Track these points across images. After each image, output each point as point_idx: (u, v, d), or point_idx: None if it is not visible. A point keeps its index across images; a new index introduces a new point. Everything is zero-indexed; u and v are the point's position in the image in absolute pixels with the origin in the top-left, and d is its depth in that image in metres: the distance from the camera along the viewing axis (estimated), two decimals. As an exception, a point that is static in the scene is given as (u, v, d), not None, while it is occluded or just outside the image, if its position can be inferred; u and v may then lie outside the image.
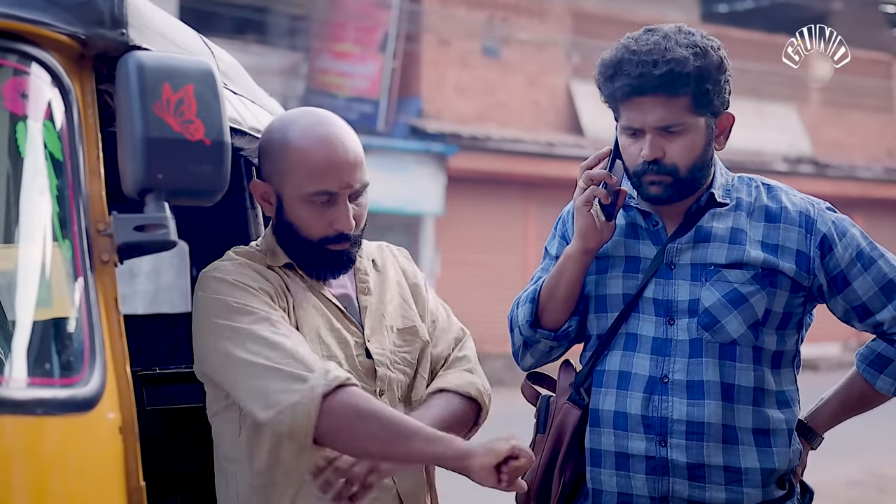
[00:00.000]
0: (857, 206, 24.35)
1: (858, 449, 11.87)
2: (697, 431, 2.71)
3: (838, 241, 2.77)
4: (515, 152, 19.63)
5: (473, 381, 2.69)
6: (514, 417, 3.24)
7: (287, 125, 2.60)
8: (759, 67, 22.32)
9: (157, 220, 2.08)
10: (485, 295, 19.62)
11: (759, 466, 2.72)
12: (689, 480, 2.71)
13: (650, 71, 2.64)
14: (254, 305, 2.46)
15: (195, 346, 2.53)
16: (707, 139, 2.74)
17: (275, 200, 2.59)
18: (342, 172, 2.56)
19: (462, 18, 19.89)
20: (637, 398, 2.75)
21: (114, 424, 2.05)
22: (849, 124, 25.00)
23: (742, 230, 2.77)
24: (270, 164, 2.58)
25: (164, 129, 2.09)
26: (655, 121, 2.68)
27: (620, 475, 2.77)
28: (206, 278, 2.53)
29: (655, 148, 2.70)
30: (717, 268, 2.74)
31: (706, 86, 2.68)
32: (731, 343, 2.72)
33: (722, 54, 2.73)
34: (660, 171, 2.71)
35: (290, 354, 2.38)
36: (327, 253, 2.59)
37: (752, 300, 2.72)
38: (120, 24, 2.14)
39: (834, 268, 2.76)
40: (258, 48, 18.55)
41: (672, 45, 2.66)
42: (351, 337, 2.60)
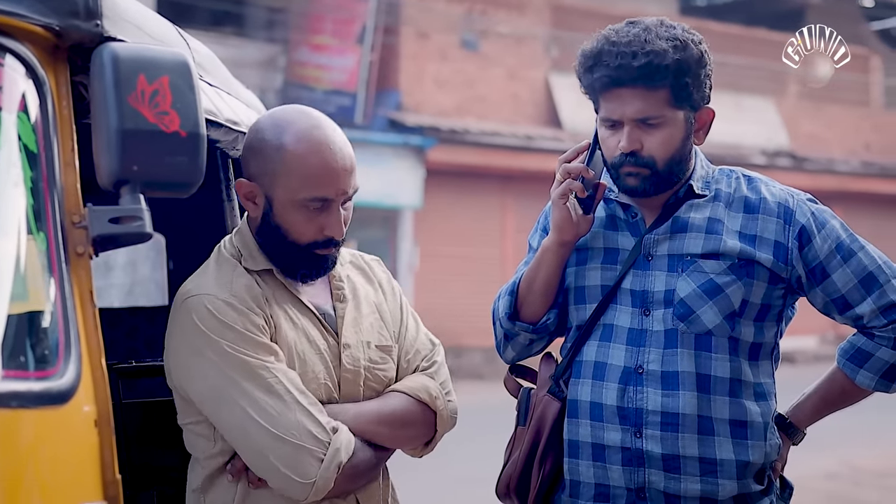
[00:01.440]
0: (834, 199, 24.44)
1: (835, 442, 11.93)
2: (672, 422, 2.71)
3: (817, 233, 2.77)
4: (494, 145, 19.65)
5: (427, 385, 2.66)
6: (494, 410, 3.24)
7: (282, 126, 2.54)
8: (738, 61, 22.39)
9: (132, 213, 2.07)
10: (463, 288, 19.65)
11: (735, 458, 2.72)
12: (664, 472, 2.72)
13: (629, 62, 2.64)
14: (255, 354, 2.44)
15: (174, 363, 2.50)
16: (685, 133, 2.74)
17: (262, 202, 2.55)
18: (338, 179, 2.53)
19: (441, 11, 19.88)
20: (613, 389, 2.75)
21: (89, 417, 2.04)
22: (826, 118, 25.11)
23: (719, 220, 2.77)
24: (261, 164, 2.53)
25: (139, 120, 2.07)
26: (634, 113, 2.68)
27: (597, 466, 2.77)
28: (201, 310, 2.46)
29: (633, 140, 2.70)
30: (693, 258, 2.74)
31: (685, 79, 2.68)
32: (707, 333, 2.72)
33: (703, 48, 2.73)
34: (637, 163, 2.71)
35: (299, 425, 2.41)
36: (314, 257, 2.57)
37: (727, 291, 2.72)
38: (94, 16, 2.13)
39: (812, 259, 2.77)
40: (236, 40, 18.51)
41: (652, 37, 2.66)
42: (327, 347, 2.58)
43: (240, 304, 2.48)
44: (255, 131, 2.57)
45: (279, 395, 2.42)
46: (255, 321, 2.47)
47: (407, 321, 2.77)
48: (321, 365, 2.55)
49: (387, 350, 2.68)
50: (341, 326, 2.62)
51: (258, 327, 2.47)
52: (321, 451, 2.42)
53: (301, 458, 2.40)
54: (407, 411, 2.62)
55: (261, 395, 2.41)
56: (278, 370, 2.44)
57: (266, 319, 2.50)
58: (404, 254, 19.54)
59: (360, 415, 2.55)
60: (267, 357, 2.45)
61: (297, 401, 2.43)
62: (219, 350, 2.43)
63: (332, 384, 2.57)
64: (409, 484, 3.17)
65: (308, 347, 2.55)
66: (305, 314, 2.59)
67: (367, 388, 2.62)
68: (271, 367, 2.44)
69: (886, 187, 25.03)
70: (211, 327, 2.44)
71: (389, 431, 2.59)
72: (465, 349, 19.01)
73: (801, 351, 21.39)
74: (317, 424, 2.43)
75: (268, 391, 2.42)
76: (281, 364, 2.47)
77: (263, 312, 2.50)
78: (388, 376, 2.67)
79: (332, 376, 2.57)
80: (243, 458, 2.47)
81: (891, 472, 10.68)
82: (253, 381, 2.42)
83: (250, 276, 2.56)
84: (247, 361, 2.43)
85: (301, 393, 2.45)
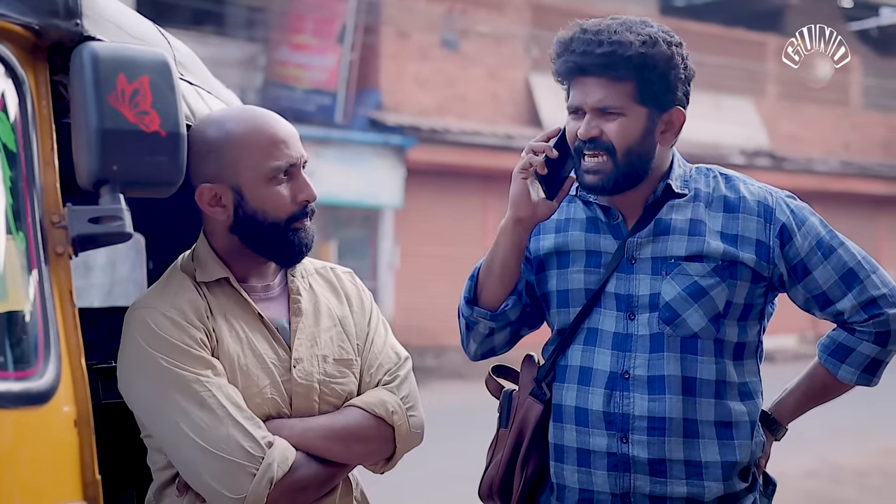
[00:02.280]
0: (813, 199, 24.38)
1: (815, 440, 11.98)
2: (658, 427, 2.71)
3: (797, 230, 2.78)
4: (474, 145, 19.66)
5: (385, 400, 2.61)
6: (474, 409, 3.24)
7: (219, 121, 2.55)
8: (717, 61, 22.44)
9: (112, 212, 2.07)
10: (444, 287, 19.62)
11: (721, 460, 2.73)
12: (650, 476, 2.72)
13: (593, 50, 2.66)
14: (190, 368, 2.43)
15: (119, 376, 2.50)
16: (646, 130, 2.71)
17: (231, 197, 2.53)
18: (291, 144, 2.56)
19: (421, 11, 19.88)
20: (599, 394, 2.75)
21: (69, 417, 2.04)
22: (805, 118, 25.20)
23: (701, 221, 2.77)
24: (217, 161, 2.52)
25: (119, 120, 2.07)
26: (595, 102, 2.69)
27: (582, 471, 2.77)
28: (142, 324, 2.47)
29: (591, 127, 2.69)
30: (677, 261, 2.74)
31: (650, 75, 2.67)
32: (693, 336, 2.72)
33: (676, 50, 2.71)
34: (596, 146, 2.70)
35: (230, 439, 2.39)
36: (294, 233, 2.56)
37: (712, 293, 2.73)
38: (74, 15, 2.12)
39: (794, 257, 2.77)
40: (216, 39, 18.47)
41: (623, 29, 2.68)
42: (278, 360, 2.56)
43: (180, 317, 2.47)
44: (195, 140, 2.51)
45: (211, 408, 2.40)
46: (194, 335, 2.46)
47: (374, 335, 2.73)
48: (267, 379, 2.53)
49: (347, 364, 2.65)
50: (294, 340, 2.59)
51: (196, 341, 2.46)
52: (253, 465, 2.39)
53: (232, 473, 2.38)
54: (361, 426, 2.58)
55: (193, 409, 2.40)
56: (213, 384, 2.43)
57: (207, 333, 2.49)
58: (385, 253, 19.54)
59: (309, 430, 2.53)
60: (203, 371, 2.43)
61: (230, 415, 2.41)
62: (155, 364, 2.42)
63: (281, 398, 2.54)
64: (388, 482, 3.17)
65: (253, 361, 2.53)
66: (256, 326, 2.57)
67: (324, 402, 2.60)
68: (205, 381, 2.42)
69: (865, 187, 25.13)
70: (149, 341, 2.44)
71: (342, 447, 2.55)
72: (446, 349, 19.00)
73: (781, 350, 21.44)
74: (250, 439, 2.41)
75: (200, 405, 2.40)
76: (218, 378, 2.45)
77: (205, 326, 2.49)
78: (347, 390, 2.63)
79: (280, 390, 2.54)
80: (179, 472, 2.47)
81: (870, 470, 10.72)
82: (186, 395, 2.40)
83: (200, 289, 2.54)
84: (181, 375, 2.41)
85: (236, 407, 2.42)
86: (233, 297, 2.58)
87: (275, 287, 2.65)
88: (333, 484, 2.58)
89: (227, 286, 2.58)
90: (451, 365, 18.73)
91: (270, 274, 2.65)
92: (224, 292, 2.57)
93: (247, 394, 2.48)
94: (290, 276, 2.67)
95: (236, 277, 2.59)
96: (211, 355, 2.48)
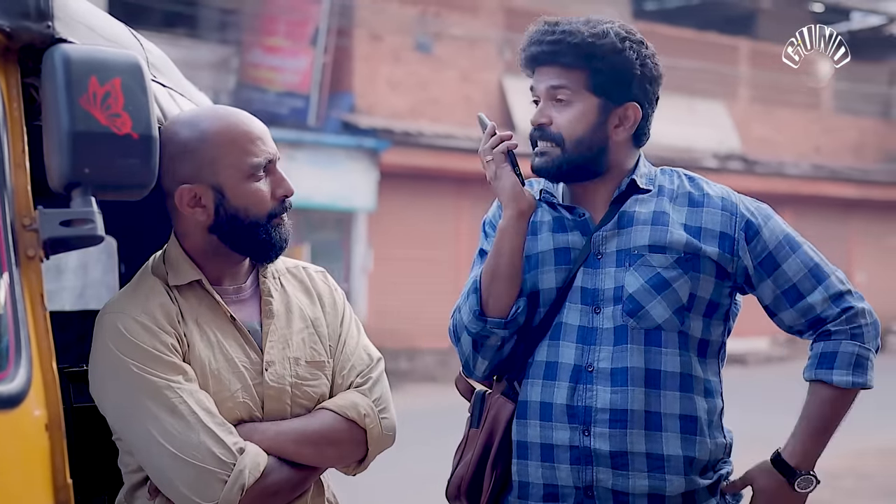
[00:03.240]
0: (785, 202, 24.66)
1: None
2: (620, 419, 2.72)
3: (763, 225, 2.82)
4: (448, 148, 19.67)
5: (356, 403, 2.61)
6: (447, 412, 3.25)
7: (192, 122, 2.55)
8: (690, 64, 22.52)
9: (83, 215, 2.06)
10: (417, 290, 19.65)
11: (682, 454, 2.74)
12: (612, 469, 2.72)
13: (545, 38, 2.77)
14: (161, 374, 2.41)
15: (90, 380, 2.49)
16: (597, 120, 2.77)
17: (211, 197, 2.52)
18: (266, 140, 2.57)
19: (394, 13, 19.89)
20: (563, 388, 2.76)
21: (40, 421, 2.03)
22: (777, 121, 25.33)
23: (665, 213, 2.80)
24: (194, 162, 2.50)
25: (91, 122, 2.06)
26: (546, 86, 2.79)
27: (545, 466, 2.78)
28: (113, 329, 2.45)
29: (542, 114, 2.80)
30: (640, 252, 2.76)
31: (598, 65, 2.74)
32: (657, 329, 2.74)
33: (629, 45, 2.76)
34: (544, 136, 2.80)
35: (201, 446, 2.38)
36: (273, 229, 2.56)
37: (675, 285, 2.75)
38: (46, 17, 2.11)
39: (762, 250, 2.79)
40: (188, 42, 18.42)
41: (579, 23, 2.78)
42: (249, 364, 2.55)
43: (151, 322, 2.46)
44: (168, 142, 2.47)
45: (182, 415, 2.39)
46: (165, 340, 2.45)
47: (346, 336, 2.72)
48: (239, 383, 2.52)
49: (319, 366, 2.64)
50: (266, 343, 2.59)
51: (167, 346, 2.45)
52: (225, 472, 2.39)
53: (203, 480, 2.38)
54: (333, 429, 2.57)
55: (164, 415, 2.39)
56: (184, 390, 2.42)
57: (178, 338, 2.48)
58: (358, 256, 19.52)
59: (281, 434, 2.52)
60: (174, 377, 2.42)
61: (201, 421, 2.40)
62: (126, 369, 2.41)
63: (253, 402, 2.53)
64: (360, 484, 3.17)
65: (224, 365, 2.52)
66: (228, 330, 2.56)
67: (296, 405, 2.59)
68: (176, 386, 2.41)
69: (836, 190, 25.28)
70: (120, 346, 2.43)
71: (314, 450, 2.55)
72: (419, 351, 19.01)
73: (753, 352, 21.56)
74: (221, 445, 2.40)
75: (171, 412, 2.39)
76: (189, 384, 2.44)
77: (176, 331, 2.48)
78: (319, 392, 2.63)
79: (252, 394, 2.53)
80: (151, 478, 2.46)
81: (843, 472, 10.77)
82: (157, 402, 2.40)
83: (171, 292, 2.53)
84: (152, 381, 2.41)
85: (207, 413, 2.42)
86: (205, 300, 2.57)
87: (246, 288, 2.64)
88: (305, 487, 2.58)
89: (198, 289, 2.57)
90: (424, 368, 18.74)
91: (243, 275, 2.64)
92: (196, 295, 2.56)
93: (218, 398, 2.47)
94: (262, 276, 2.66)
95: (209, 279, 2.58)
96: (182, 360, 2.47)
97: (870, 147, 27.32)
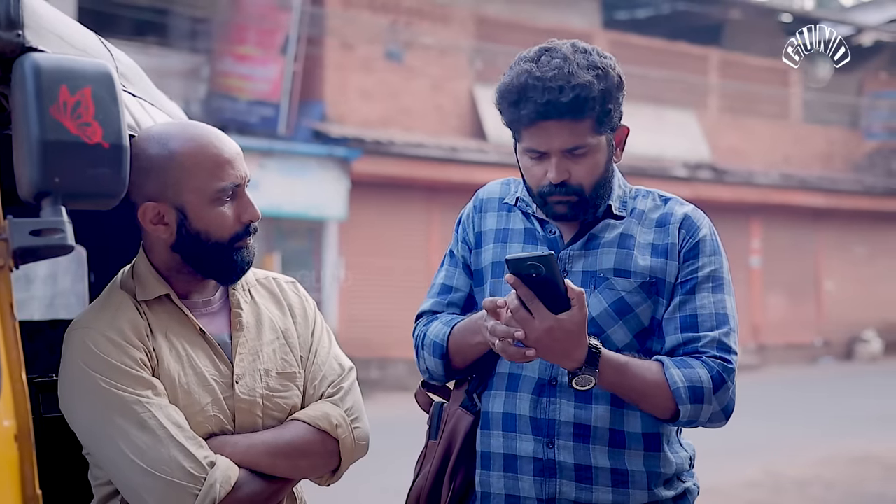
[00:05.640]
0: (754, 211, 24.81)
1: (755, 450, 12.09)
2: (584, 434, 2.72)
3: (708, 257, 2.77)
4: (419, 157, 19.68)
5: (328, 413, 2.61)
6: (418, 423, 3.24)
7: (162, 139, 2.52)
8: (659, 74, 22.63)
9: (53, 225, 2.05)
10: (389, 299, 19.64)
11: (646, 470, 2.75)
12: (575, 482, 2.73)
13: (557, 98, 2.63)
14: (130, 389, 2.40)
15: (60, 396, 2.47)
16: (609, 156, 2.77)
17: (174, 216, 2.51)
18: (236, 164, 2.55)
19: (365, 22, 19.89)
20: (526, 399, 2.76)
21: (9, 432, 2.01)
22: (746, 131, 25.48)
23: (631, 236, 2.80)
24: (160, 179, 2.49)
25: (61, 131, 2.05)
26: (561, 144, 2.68)
27: (508, 477, 2.78)
28: (81, 345, 2.44)
29: (561, 171, 2.71)
30: (605, 276, 2.76)
31: (608, 106, 2.70)
32: (617, 350, 2.71)
33: (619, 72, 2.74)
34: (567, 191, 2.73)
35: (171, 460, 2.37)
36: (236, 252, 2.55)
37: (637, 310, 2.75)
38: (16, 26, 2.10)
39: (689, 274, 2.76)
40: (159, 50, 18.37)
41: (574, 68, 2.66)
42: (219, 377, 2.54)
43: (119, 337, 2.45)
44: (136, 156, 2.46)
45: (152, 430, 2.38)
46: (134, 355, 2.44)
47: (317, 346, 2.72)
48: (209, 397, 2.51)
49: (290, 377, 2.64)
50: (236, 356, 2.58)
51: (136, 361, 2.44)
52: (195, 486, 2.38)
53: (173, 494, 2.37)
54: (305, 441, 2.57)
55: (133, 430, 2.38)
56: (153, 405, 2.41)
57: (147, 353, 2.47)
58: (329, 265, 19.49)
59: (253, 446, 2.51)
60: (143, 391, 2.41)
61: (171, 435, 2.39)
62: (94, 385, 2.41)
63: (224, 415, 2.53)
64: (333, 494, 3.17)
65: (194, 379, 2.51)
66: (198, 343, 2.55)
67: (268, 416, 2.59)
68: (145, 401, 2.40)
69: (805, 199, 25.43)
70: (88, 362, 2.42)
71: (286, 462, 2.54)
72: (390, 361, 18.99)
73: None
74: (191, 459, 2.39)
75: (140, 426, 2.38)
76: (159, 398, 2.43)
77: (145, 346, 2.47)
78: (291, 404, 2.62)
79: (223, 407, 2.53)
80: (121, 493, 2.45)
81: (812, 480, 10.83)
82: (126, 417, 2.39)
83: (140, 307, 2.53)
84: (121, 396, 2.40)
85: (177, 427, 2.41)
86: (174, 315, 2.56)
87: (216, 301, 2.64)
88: (278, 499, 2.57)
89: (167, 303, 2.56)
90: (395, 377, 18.72)
91: (211, 288, 2.64)
92: (165, 309, 2.56)
93: (188, 412, 2.47)
94: (231, 289, 2.65)
95: (177, 293, 2.57)
96: (152, 375, 2.46)
97: (838, 156, 27.51)
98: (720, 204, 22.46)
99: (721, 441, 4.07)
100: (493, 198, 2.98)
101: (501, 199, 2.96)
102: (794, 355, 25.30)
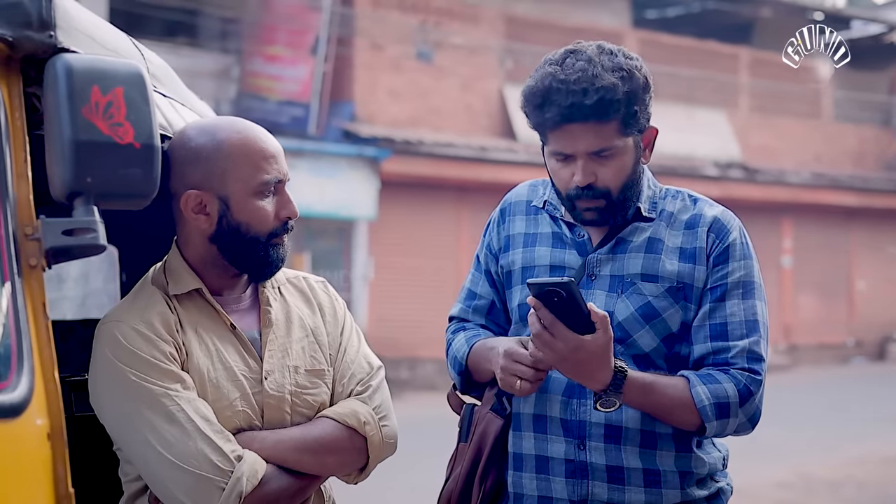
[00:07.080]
0: (785, 210, 24.69)
1: (786, 451, 12.03)
2: (615, 435, 2.72)
3: (738, 261, 2.76)
4: (448, 157, 19.69)
5: (356, 410, 2.60)
6: (447, 423, 3.24)
7: (210, 130, 2.56)
8: (690, 73, 22.54)
9: (85, 224, 2.06)
10: (418, 299, 19.66)
11: (678, 470, 2.74)
12: (608, 483, 2.72)
13: (581, 100, 2.63)
14: (159, 382, 2.41)
15: (90, 390, 2.49)
16: (636, 158, 2.76)
17: (216, 207, 2.53)
18: (279, 160, 2.58)
19: (395, 22, 19.91)
20: (556, 401, 2.76)
21: (42, 431, 2.02)
22: (777, 130, 25.35)
23: (659, 240, 2.78)
24: (205, 169, 2.51)
25: (93, 132, 2.06)
26: (587, 147, 2.68)
27: (540, 478, 2.78)
28: (111, 338, 2.46)
29: (588, 173, 2.70)
30: (632, 280, 2.75)
31: (634, 108, 2.68)
32: (644, 355, 2.72)
33: (645, 73, 2.73)
34: (594, 195, 2.72)
35: (199, 453, 2.38)
36: (272, 248, 2.57)
37: (665, 315, 2.74)
38: (48, 27, 2.11)
39: (719, 280, 2.75)
40: (189, 51, 18.45)
41: (599, 70, 2.64)
42: (249, 373, 2.55)
43: (149, 331, 2.46)
44: (182, 146, 2.53)
45: (180, 423, 2.39)
46: (163, 349, 2.45)
47: (346, 344, 2.72)
48: (238, 392, 2.52)
49: (319, 374, 2.64)
50: (265, 352, 2.59)
51: (166, 355, 2.45)
52: (222, 480, 2.38)
53: (201, 488, 2.38)
54: (333, 437, 2.57)
55: (162, 423, 2.39)
56: (182, 398, 2.42)
57: (177, 347, 2.48)
58: (359, 265, 19.53)
59: (280, 442, 2.52)
60: (172, 385, 2.42)
61: (199, 429, 2.40)
62: (124, 378, 2.41)
63: (253, 411, 2.53)
64: (361, 492, 3.17)
65: (223, 374, 2.52)
66: (227, 338, 2.56)
67: (296, 413, 2.59)
68: (174, 395, 2.41)
69: (837, 199, 25.30)
70: (118, 355, 2.43)
71: (314, 459, 2.54)
72: (420, 360, 19.01)
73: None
74: (219, 453, 2.40)
75: (169, 419, 2.39)
76: (188, 392, 2.44)
77: (174, 340, 2.48)
78: (320, 401, 2.63)
79: (251, 402, 2.54)
80: (149, 486, 2.46)
81: (844, 481, 10.77)
82: (154, 410, 2.40)
83: (170, 302, 2.54)
84: (150, 389, 2.41)
85: (205, 421, 2.41)
86: (204, 310, 2.57)
87: (246, 298, 2.65)
88: (305, 496, 2.58)
89: (198, 298, 2.58)
90: (424, 376, 18.73)
91: (242, 285, 2.65)
92: (195, 304, 2.57)
93: (217, 407, 2.47)
94: (261, 286, 2.67)
95: (209, 289, 2.59)
96: (181, 369, 2.47)
97: (870, 155, 27.34)
98: (751, 203, 22.38)
99: (751, 442, 4.05)
100: (521, 200, 2.97)
101: (529, 202, 2.96)
102: (825, 355, 25.18)
